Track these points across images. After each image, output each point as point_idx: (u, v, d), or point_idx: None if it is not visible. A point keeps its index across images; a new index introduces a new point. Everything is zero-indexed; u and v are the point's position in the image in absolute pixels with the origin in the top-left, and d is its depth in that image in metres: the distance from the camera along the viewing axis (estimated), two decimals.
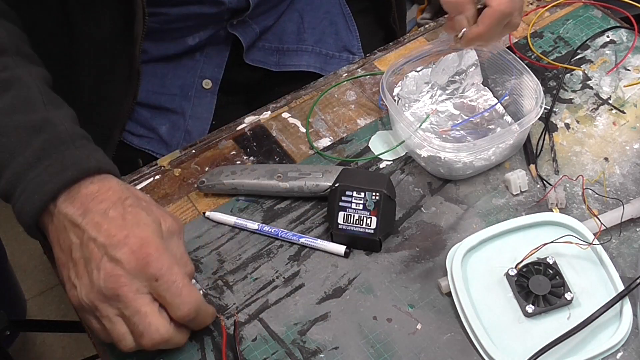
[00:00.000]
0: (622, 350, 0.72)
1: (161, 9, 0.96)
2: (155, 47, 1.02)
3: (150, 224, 0.70)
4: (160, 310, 0.69)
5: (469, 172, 0.85)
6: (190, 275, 0.72)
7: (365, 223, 0.78)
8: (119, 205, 0.70)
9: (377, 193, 0.77)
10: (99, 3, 0.91)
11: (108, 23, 0.93)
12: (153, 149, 1.06)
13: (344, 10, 1.13)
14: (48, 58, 0.85)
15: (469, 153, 0.82)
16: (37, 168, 0.71)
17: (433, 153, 0.83)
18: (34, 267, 1.91)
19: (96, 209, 0.70)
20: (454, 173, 0.85)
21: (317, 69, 1.10)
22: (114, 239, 0.68)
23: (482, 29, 0.83)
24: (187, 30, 1.01)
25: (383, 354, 0.74)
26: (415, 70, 0.90)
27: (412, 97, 0.91)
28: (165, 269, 0.68)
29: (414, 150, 0.86)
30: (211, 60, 1.05)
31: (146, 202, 0.73)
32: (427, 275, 0.79)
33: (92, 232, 0.69)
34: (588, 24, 1.01)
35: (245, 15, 1.01)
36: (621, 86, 0.93)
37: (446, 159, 0.83)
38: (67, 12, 0.92)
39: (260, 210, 0.85)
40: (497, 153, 0.85)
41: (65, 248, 0.71)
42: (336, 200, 0.79)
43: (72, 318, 1.69)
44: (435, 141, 0.84)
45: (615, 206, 0.81)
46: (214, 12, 0.99)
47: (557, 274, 0.75)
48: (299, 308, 0.77)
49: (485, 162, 0.85)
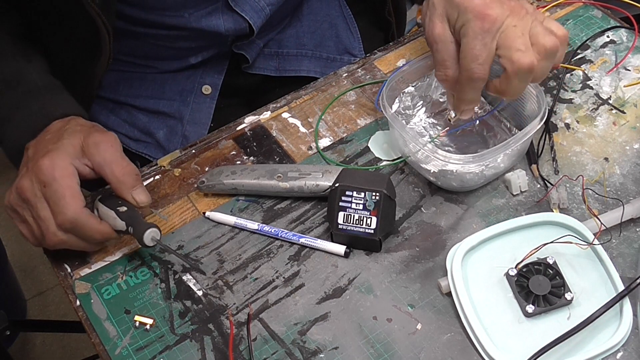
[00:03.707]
0: (622, 350, 0.72)
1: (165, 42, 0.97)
2: (158, 64, 1.02)
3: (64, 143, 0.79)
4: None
5: (481, 182, 0.84)
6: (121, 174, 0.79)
7: (365, 223, 0.78)
8: (52, 133, 0.81)
9: (377, 193, 0.77)
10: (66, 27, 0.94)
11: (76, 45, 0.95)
12: (150, 153, 1.06)
13: (345, 12, 1.12)
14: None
15: (477, 164, 0.80)
16: (12, 121, 0.84)
17: (442, 167, 0.81)
18: (34, 267, 1.91)
19: (41, 137, 0.82)
20: (466, 185, 0.84)
21: (318, 73, 1.10)
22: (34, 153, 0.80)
23: (506, 92, 0.79)
24: (192, 51, 1.02)
25: (383, 354, 0.74)
26: (412, 85, 0.89)
27: (409, 113, 0.90)
28: (53, 177, 0.76)
29: (421, 166, 0.84)
30: (211, 69, 1.05)
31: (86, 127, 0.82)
32: (427, 275, 0.79)
33: (30, 152, 0.81)
34: (588, 24, 1.01)
35: (250, 38, 1.01)
36: (621, 86, 0.93)
37: (457, 171, 0.81)
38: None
39: (260, 210, 0.85)
40: (505, 160, 0.83)
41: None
42: (336, 200, 0.79)
43: (72, 318, 1.69)
44: (440, 152, 0.80)
45: (615, 206, 0.81)
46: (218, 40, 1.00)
47: (557, 274, 0.75)
48: (299, 308, 0.77)
49: (495, 170, 0.84)
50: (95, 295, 0.79)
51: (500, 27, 0.75)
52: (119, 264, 0.81)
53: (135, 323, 0.77)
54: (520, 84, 0.77)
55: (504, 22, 0.75)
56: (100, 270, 0.81)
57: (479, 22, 0.74)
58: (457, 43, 0.78)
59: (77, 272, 0.81)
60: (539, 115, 0.81)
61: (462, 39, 0.76)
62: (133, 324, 0.77)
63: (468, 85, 0.78)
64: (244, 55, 1.04)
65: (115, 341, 0.76)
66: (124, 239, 0.83)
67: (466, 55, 0.76)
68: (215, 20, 0.97)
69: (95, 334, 0.76)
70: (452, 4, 0.77)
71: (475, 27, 0.75)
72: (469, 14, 0.75)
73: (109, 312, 0.78)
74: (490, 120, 0.89)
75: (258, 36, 1.02)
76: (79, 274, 0.81)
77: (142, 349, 0.75)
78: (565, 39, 0.77)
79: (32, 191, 0.77)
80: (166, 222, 0.85)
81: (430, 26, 0.79)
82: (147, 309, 0.78)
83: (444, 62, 0.79)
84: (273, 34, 1.07)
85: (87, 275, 0.81)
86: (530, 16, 0.76)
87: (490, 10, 0.74)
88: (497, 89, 0.79)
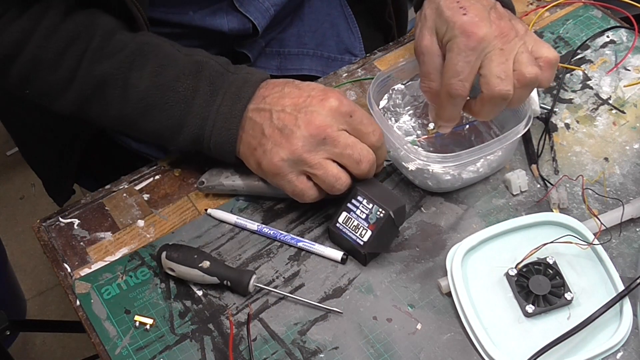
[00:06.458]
0: (622, 350, 0.72)
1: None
2: None
3: (320, 86, 0.80)
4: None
5: (458, 185, 0.84)
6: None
7: (359, 233, 0.78)
8: (289, 83, 0.81)
9: (383, 211, 0.77)
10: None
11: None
12: (151, 153, 1.06)
13: (346, 12, 1.12)
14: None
15: (455, 165, 0.80)
16: (214, 105, 0.80)
17: (421, 166, 0.81)
18: (34, 267, 1.91)
19: (272, 93, 0.80)
20: (443, 186, 0.83)
21: (319, 72, 1.10)
22: (300, 101, 0.78)
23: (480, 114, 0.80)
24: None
25: (383, 354, 0.74)
26: (402, 83, 0.89)
27: (399, 111, 0.90)
28: (353, 105, 0.78)
29: (400, 163, 0.84)
30: None
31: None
32: (427, 275, 0.79)
33: (277, 107, 0.78)
34: (588, 24, 1.01)
35: (254, 38, 1.01)
36: (621, 86, 0.93)
37: (433, 171, 0.81)
38: None
39: (260, 210, 0.85)
40: (485, 165, 0.83)
41: (255, 134, 0.79)
42: (347, 199, 0.79)
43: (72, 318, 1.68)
44: (422, 153, 0.80)
45: (615, 206, 0.81)
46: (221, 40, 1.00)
47: (557, 274, 0.75)
48: (299, 308, 0.77)
49: (474, 174, 0.83)
50: (95, 295, 0.79)
51: (486, 47, 0.75)
52: (119, 264, 0.81)
53: (135, 323, 0.77)
54: (494, 109, 0.78)
55: (491, 43, 0.75)
56: (100, 270, 0.81)
57: (465, 39, 0.75)
58: (443, 57, 0.78)
59: (77, 272, 0.81)
60: (521, 123, 0.80)
61: (447, 54, 0.76)
62: (133, 324, 0.77)
63: (447, 100, 0.78)
64: (246, 54, 1.04)
65: (115, 341, 0.76)
66: (123, 239, 0.83)
67: (448, 70, 0.76)
68: (219, 20, 0.97)
69: (95, 334, 0.76)
70: (441, 18, 0.77)
71: (460, 44, 0.75)
72: (456, 29, 0.75)
73: (109, 312, 0.78)
74: (480, 125, 0.88)
75: (260, 35, 1.02)
76: (79, 274, 0.81)
77: (142, 349, 0.75)
78: (555, 62, 0.77)
79: (333, 127, 0.76)
80: (166, 222, 0.85)
81: (419, 37, 0.80)
82: (147, 309, 0.78)
83: (428, 74, 0.79)
84: (275, 33, 1.07)
85: (87, 275, 0.81)
86: (519, 40, 0.76)
87: (478, 29, 0.75)
88: (471, 109, 0.80)
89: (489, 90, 0.75)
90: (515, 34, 0.76)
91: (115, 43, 0.81)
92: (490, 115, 0.80)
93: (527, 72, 0.75)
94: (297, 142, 0.76)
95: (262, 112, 0.79)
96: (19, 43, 0.80)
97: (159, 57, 0.82)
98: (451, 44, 0.76)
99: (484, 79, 0.75)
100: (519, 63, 0.75)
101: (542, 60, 0.77)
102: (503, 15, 0.78)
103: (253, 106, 0.80)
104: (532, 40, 0.77)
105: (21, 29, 0.80)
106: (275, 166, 0.77)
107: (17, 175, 2.10)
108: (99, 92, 0.82)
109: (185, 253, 0.77)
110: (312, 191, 0.79)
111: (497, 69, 0.75)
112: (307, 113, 0.77)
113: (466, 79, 0.75)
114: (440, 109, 0.80)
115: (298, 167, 0.77)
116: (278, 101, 0.79)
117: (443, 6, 0.77)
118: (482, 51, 0.75)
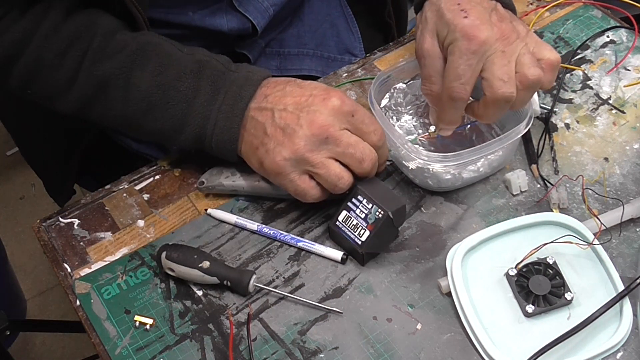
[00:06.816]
0: (622, 350, 0.72)
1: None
2: None
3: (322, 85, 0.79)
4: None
5: (458, 184, 0.84)
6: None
7: (358, 232, 0.78)
8: (291, 81, 0.80)
9: (382, 211, 0.76)
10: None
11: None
12: (151, 153, 1.06)
13: (346, 12, 1.12)
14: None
15: (456, 164, 0.79)
16: (216, 104, 0.80)
17: (421, 165, 0.81)
18: (34, 267, 1.91)
19: (274, 92, 0.79)
20: (443, 185, 0.83)
21: (319, 72, 1.10)
22: (302, 100, 0.77)
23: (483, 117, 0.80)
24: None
25: (383, 354, 0.74)
26: (404, 82, 0.89)
27: (400, 110, 0.90)
28: (355, 105, 0.78)
29: (401, 162, 0.84)
30: None
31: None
32: (427, 275, 0.79)
33: (279, 106, 0.78)
34: (588, 24, 1.01)
35: (253, 39, 1.01)
36: (621, 86, 0.93)
37: (434, 170, 0.81)
38: None
39: (260, 210, 0.85)
40: (485, 165, 0.83)
41: (257, 133, 0.79)
42: (348, 198, 0.79)
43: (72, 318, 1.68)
44: (423, 152, 0.80)
45: (615, 206, 0.81)
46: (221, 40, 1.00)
47: (557, 274, 0.75)
48: (299, 308, 0.77)
49: (474, 174, 0.83)
50: (95, 295, 0.79)
51: (487, 50, 0.75)
52: (119, 264, 0.81)
53: (135, 323, 0.77)
54: (497, 112, 0.78)
55: (492, 46, 0.75)
56: (100, 270, 0.81)
57: (466, 42, 0.75)
58: (445, 59, 0.78)
59: (77, 272, 0.81)
60: (523, 121, 0.80)
61: (449, 57, 0.76)
62: (133, 324, 0.77)
63: (448, 103, 0.78)
64: (246, 55, 1.04)
65: (115, 341, 0.76)
66: (123, 239, 0.83)
67: (450, 73, 0.76)
68: (218, 20, 0.97)
69: (95, 334, 0.76)
70: (442, 21, 0.77)
71: (461, 47, 0.75)
72: (457, 32, 0.75)
73: (109, 312, 0.78)
74: (481, 125, 0.88)
75: (260, 36, 1.02)
76: (79, 274, 0.81)
77: (142, 349, 0.75)
78: (557, 63, 0.77)
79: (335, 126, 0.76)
80: (166, 222, 0.85)
81: (420, 40, 0.80)
82: (147, 309, 0.78)
83: (429, 77, 0.79)
84: (275, 33, 1.07)
85: (87, 275, 0.81)
86: (521, 41, 0.76)
87: (479, 32, 0.74)
88: (474, 112, 0.80)
89: (492, 93, 0.75)
90: (517, 35, 0.76)
91: (116, 43, 0.81)
92: (494, 118, 0.80)
93: (530, 74, 0.75)
94: (299, 142, 0.76)
95: (264, 111, 0.79)
96: (21, 44, 0.80)
97: (160, 57, 0.82)
98: (452, 47, 0.75)
99: (487, 82, 0.75)
100: (521, 65, 0.75)
101: (544, 62, 0.77)
102: (504, 17, 0.78)
103: (255, 105, 0.80)
104: (534, 42, 0.77)
105: (22, 29, 0.80)
106: (277, 165, 0.77)
107: (17, 175, 2.10)
108: (101, 92, 0.82)
109: (185, 253, 0.77)
110: (315, 190, 0.79)
111: (499, 72, 0.75)
112: (309, 112, 0.77)
113: (468, 82, 0.75)
114: (442, 112, 0.80)
115: (300, 166, 0.77)
116: (280, 100, 0.79)
117: (444, 8, 0.77)
118: (484, 54, 0.75)
